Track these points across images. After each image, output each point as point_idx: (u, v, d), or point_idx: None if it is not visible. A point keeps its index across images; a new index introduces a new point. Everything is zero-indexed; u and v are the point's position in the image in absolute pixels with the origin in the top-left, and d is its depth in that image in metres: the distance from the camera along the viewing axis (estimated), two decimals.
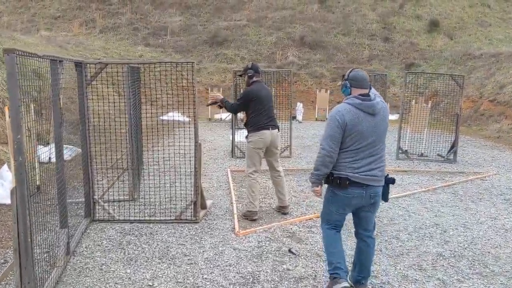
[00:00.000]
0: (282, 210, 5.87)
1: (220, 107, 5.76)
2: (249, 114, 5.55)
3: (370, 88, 3.60)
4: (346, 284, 3.57)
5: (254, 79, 5.59)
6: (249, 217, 5.58)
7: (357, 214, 3.74)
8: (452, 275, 4.22)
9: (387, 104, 3.77)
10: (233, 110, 5.87)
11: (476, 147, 11.89)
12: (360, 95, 3.51)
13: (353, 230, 3.96)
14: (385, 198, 3.71)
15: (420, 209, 6.25)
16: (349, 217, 3.88)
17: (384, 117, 3.61)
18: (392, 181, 3.69)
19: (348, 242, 4.80)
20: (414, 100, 11.01)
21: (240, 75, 5.90)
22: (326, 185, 3.71)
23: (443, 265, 4.43)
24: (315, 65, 22.37)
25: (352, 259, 3.98)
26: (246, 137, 5.65)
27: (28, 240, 3.08)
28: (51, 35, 21.10)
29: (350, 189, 3.52)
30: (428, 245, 4.94)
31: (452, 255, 4.69)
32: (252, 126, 5.52)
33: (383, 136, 3.63)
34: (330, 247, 3.75)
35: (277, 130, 5.68)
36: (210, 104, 5.94)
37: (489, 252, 4.80)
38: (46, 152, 7.04)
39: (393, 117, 17.23)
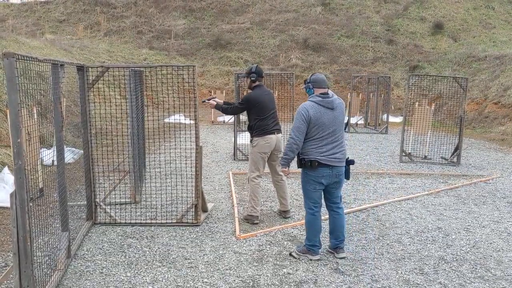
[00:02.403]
0: (283, 214, 5.84)
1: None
2: (254, 118, 5.52)
3: (328, 88, 4.48)
4: (319, 257, 4.52)
5: (257, 83, 5.57)
6: (250, 221, 5.56)
7: (327, 191, 4.51)
8: (454, 279, 4.19)
9: (343, 103, 4.57)
10: (233, 112, 5.84)
11: (480, 149, 11.83)
12: (321, 93, 4.38)
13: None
14: (347, 176, 4.51)
15: (423, 212, 6.22)
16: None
17: (341, 111, 4.43)
18: (352, 162, 4.52)
19: (350, 246, 4.78)
20: (417, 103, 10.98)
21: (243, 77, 5.80)
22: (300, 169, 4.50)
23: (445, 269, 4.40)
24: (318, 67, 22.36)
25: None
26: (251, 141, 5.60)
27: (27, 244, 3.08)
28: (56, 38, 21.20)
29: (319, 169, 4.31)
30: (430, 249, 4.91)
31: (454, 259, 4.66)
32: (257, 130, 5.48)
33: (341, 126, 4.44)
34: (311, 229, 4.51)
35: (280, 134, 5.71)
36: (204, 102, 5.97)
37: (491, 256, 4.76)
38: (49, 155, 7.07)
39: (396, 119, 17.22)
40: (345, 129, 14.94)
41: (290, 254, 4.61)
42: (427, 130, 10.36)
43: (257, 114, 5.47)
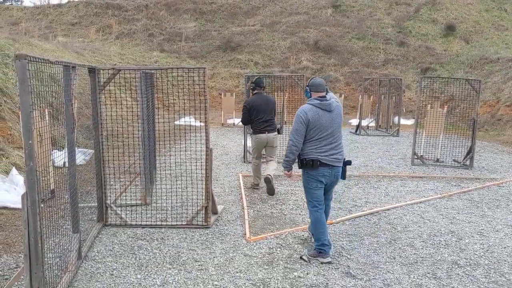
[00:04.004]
0: (265, 181, 6.98)
1: None
2: (251, 119, 7.07)
3: (327, 92, 4.61)
4: (330, 260, 4.50)
5: (255, 91, 7.08)
6: (254, 186, 7.27)
7: (324, 189, 4.65)
8: (467, 284, 4.12)
9: (343, 105, 4.95)
10: (242, 121, 7.42)
11: (493, 152, 11.68)
12: (318, 97, 4.50)
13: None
14: (343, 176, 4.68)
15: (435, 216, 6.14)
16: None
17: (338, 113, 4.56)
18: (349, 163, 4.70)
19: (362, 250, 4.72)
20: (429, 105, 10.87)
21: (249, 87, 7.51)
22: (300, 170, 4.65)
23: (458, 274, 4.34)
24: (329, 69, 22.28)
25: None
26: (251, 135, 7.41)
27: (38, 245, 3.09)
28: (68, 41, 21.39)
29: (320, 168, 4.46)
30: (443, 253, 4.84)
31: (468, 264, 4.59)
32: (253, 129, 7.13)
33: (339, 127, 4.58)
34: (318, 227, 4.58)
35: (275, 132, 7.11)
36: None
37: (505, 261, 4.68)
38: (60, 157, 7.11)
39: (408, 122, 17.08)
40: (356, 131, 14.89)
41: (301, 258, 4.57)
42: (439, 133, 10.26)
43: (252, 116, 6.99)
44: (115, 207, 5.58)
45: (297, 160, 4.60)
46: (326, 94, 4.58)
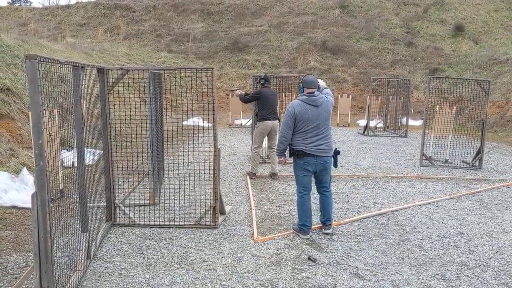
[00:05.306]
0: (273, 176, 8.05)
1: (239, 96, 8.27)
2: (259, 108, 7.97)
3: (318, 88, 5.11)
4: (308, 237, 5.14)
5: (265, 85, 8.09)
6: (250, 175, 7.96)
7: (316, 177, 5.21)
8: (477, 286, 4.09)
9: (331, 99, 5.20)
10: (245, 100, 8.22)
11: (503, 153, 11.59)
12: (308, 93, 5.02)
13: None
14: (335, 165, 5.20)
15: (444, 217, 6.10)
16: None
17: (326, 108, 5.01)
18: (338, 152, 5.22)
19: (367, 253, 4.70)
20: (438, 106, 10.81)
21: (258, 82, 8.36)
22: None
23: (467, 276, 4.31)
24: (337, 70, 22.23)
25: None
26: (255, 123, 8.25)
27: (48, 245, 3.11)
28: (77, 41, 21.51)
29: (305, 158, 4.98)
30: (452, 254, 4.81)
31: (477, 265, 4.55)
32: (260, 117, 7.95)
33: (326, 120, 5.03)
34: (302, 209, 5.19)
35: (277, 120, 8.01)
36: (232, 90, 8.97)
37: None
38: (69, 156, 7.16)
39: (416, 122, 17.00)
40: (364, 132, 14.84)
41: (309, 258, 4.56)
42: (448, 134, 10.19)
43: (261, 104, 7.91)
44: (124, 207, 5.60)
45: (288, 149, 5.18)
46: (318, 90, 5.09)
